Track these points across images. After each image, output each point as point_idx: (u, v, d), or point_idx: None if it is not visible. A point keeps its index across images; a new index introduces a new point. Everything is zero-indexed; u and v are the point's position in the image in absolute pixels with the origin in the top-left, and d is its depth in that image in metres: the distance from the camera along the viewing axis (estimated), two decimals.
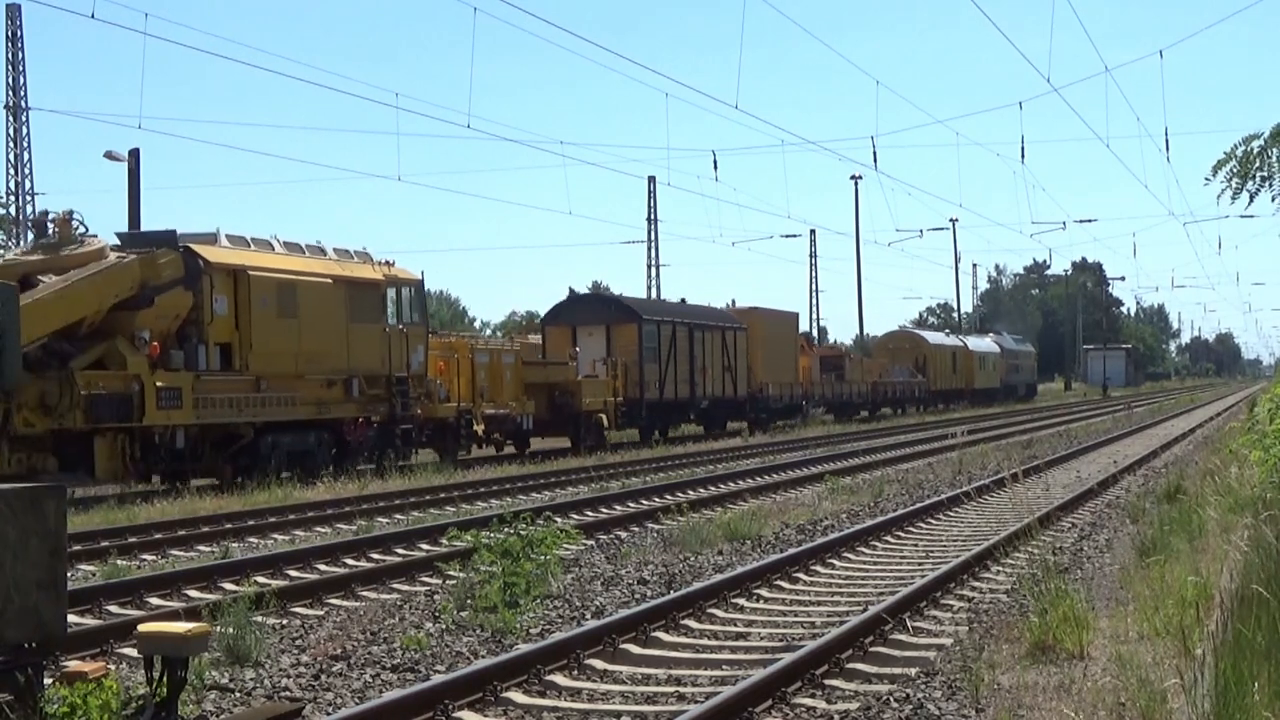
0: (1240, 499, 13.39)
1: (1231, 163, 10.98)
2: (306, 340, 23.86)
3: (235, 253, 23.06)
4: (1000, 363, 73.96)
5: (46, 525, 6.67)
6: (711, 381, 40.49)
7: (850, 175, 73.12)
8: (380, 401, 25.72)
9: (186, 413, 21.42)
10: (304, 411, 23.86)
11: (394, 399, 25.95)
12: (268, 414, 22.98)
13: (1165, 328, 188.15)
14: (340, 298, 24.67)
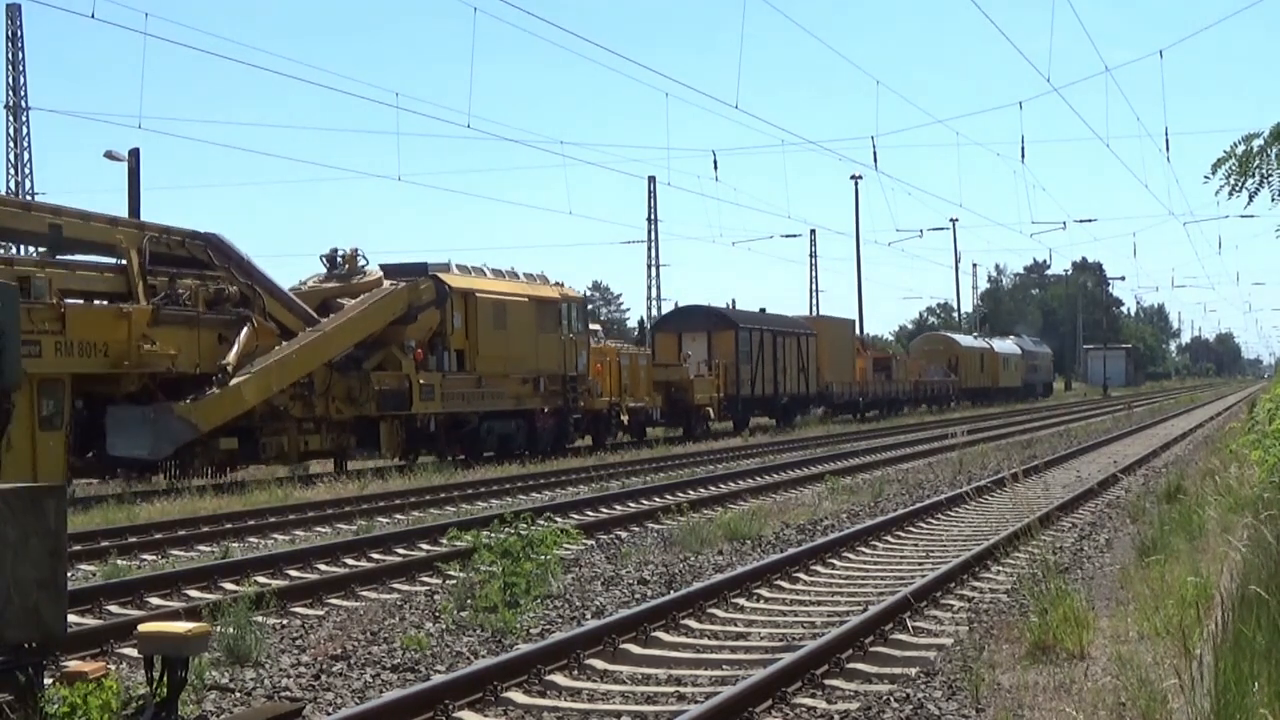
0: (1240, 499, 13.39)
1: (1231, 161, 10.97)
2: (511, 347, 29.61)
3: (464, 279, 29.05)
4: (1021, 363, 79.05)
5: (46, 525, 6.67)
6: (790, 380, 46.72)
7: (850, 175, 73.32)
8: (557, 396, 31.38)
9: (437, 404, 27.33)
10: (509, 403, 29.74)
11: (567, 394, 31.68)
12: (486, 405, 28.95)
13: (1165, 328, 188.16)
14: (532, 313, 30.52)
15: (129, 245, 22.39)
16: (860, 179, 71.48)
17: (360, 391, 25.65)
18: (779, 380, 45.64)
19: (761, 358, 44.39)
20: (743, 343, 43.11)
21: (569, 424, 32.54)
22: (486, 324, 28.92)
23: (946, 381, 65.79)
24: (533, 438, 30.68)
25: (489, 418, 29.14)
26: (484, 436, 29.23)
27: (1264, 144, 10.78)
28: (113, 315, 21.48)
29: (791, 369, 46.78)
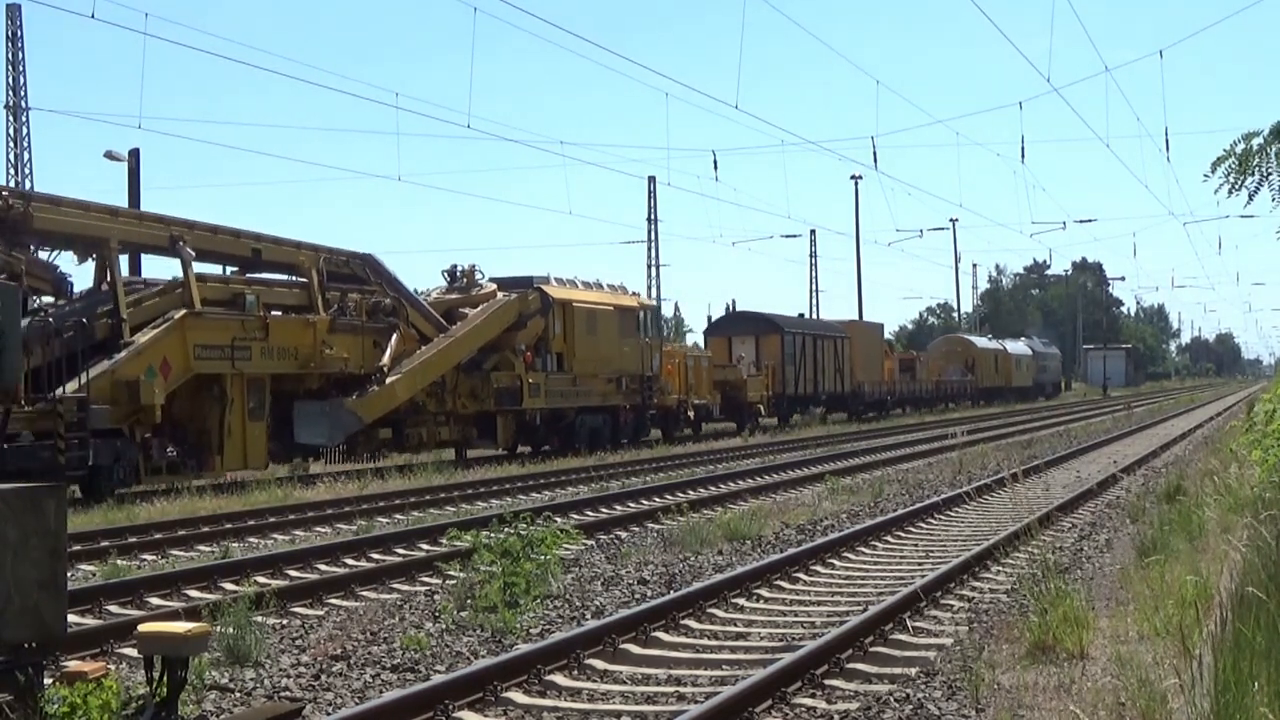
0: (1240, 499, 13.39)
1: (1230, 159, 10.97)
2: (600, 351, 33.21)
3: (563, 290, 32.61)
4: (1032, 363, 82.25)
5: (46, 525, 6.67)
6: (827, 380, 50.45)
7: (850, 175, 73.37)
8: (636, 394, 35.03)
9: (542, 400, 30.87)
10: (598, 400, 33.38)
11: (644, 392, 35.37)
12: (580, 401, 32.59)
13: (1165, 328, 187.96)
14: (617, 320, 34.20)
15: (310, 265, 25.77)
16: (860, 179, 71.59)
17: (481, 389, 29.59)
18: (819, 380, 49.60)
19: (803, 360, 48.24)
20: (787, 346, 47.01)
21: (646, 419, 36.40)
22: (581, 330, 32.61)
23: (964, 381, 69.51)
24: (616, 431, 34.36)
25: (582, 413, 32.90)
26: (578, 429, 32.73)
27: (1264, 142, 10.77)
28: (301, 324, 24.98)
29: (829, 370, 50.44)
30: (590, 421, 33.26)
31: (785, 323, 49.22)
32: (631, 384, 34.70)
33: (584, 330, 32.67)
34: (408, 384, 26.96)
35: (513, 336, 30.39)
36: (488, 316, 29.69)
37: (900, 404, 59.56)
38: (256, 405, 23.72)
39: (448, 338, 28.45)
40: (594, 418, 33.46)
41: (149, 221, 23.20)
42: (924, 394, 63.40)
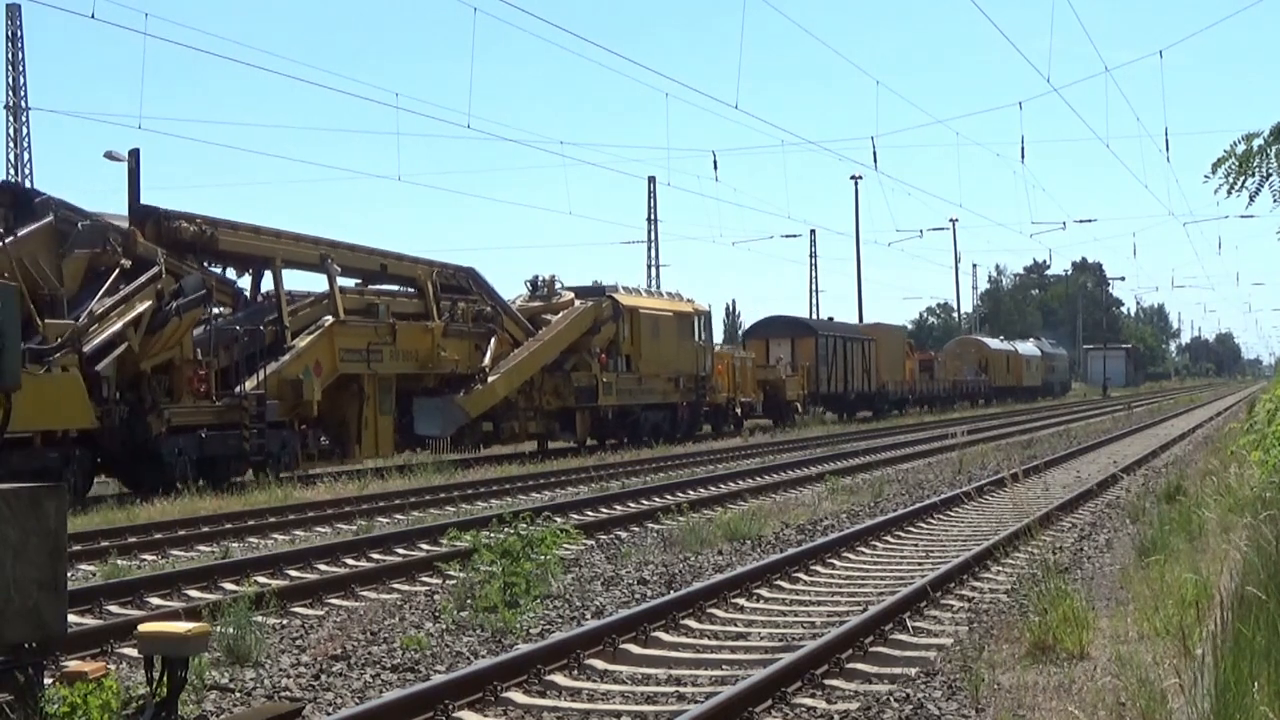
0: (1240, 499, 13.38)
1: (1230, 160, 10.97)
2: (662, 353, 36.67)
3: (630, 298, 36.15)
4: (1042, 364, 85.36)
5: (46, 525, 6.67)
6: (856, 379, 53.62)
7: (850, 175, 73.44)
8: (692, 392, 38.44)
9: (614, 398, 34.34)
10: (659, 398, 36.81)
11: (699, 390, 38.80)
12: (645, 399, 36.02)
13: (1165, 328, 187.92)
14: (675, 325, 37.64)
15: (425, 278, 29.14)
16: (860, 179, 71.73)
17: (564, 388, 32.81)
18: (848, 379, 52.93)
19: (835, 360, 51.55)
20: (820, 348, 50.15)
21: (700, 415, 39.82)
22: (646, 334, 35.97)
23: (978, 381, 72.91)
24: (674, 425, 37.62)
25: (646, 409, 36.29)
26: (643, 424, 35.96)
27: (1264, 143, 10.77)
28: (421, 330, 28.21)
29: (857, 370, 53.76)
30: (653, 417, 36.57)
31: (819, 326, 53.11)
32: (688, 383, 38.19)
33: (648, 334, 36.05)
34: (506, 383, 30.42)
35: (589, 340, 33.71)
36: (569, 323, 33.13)
37: (920, 402, 62.37)
38: (386, 401, 27.10)
39: (536, 342, 31.84)
40: (656, 414, 36.82)
41: (303, 242, 26.16)
42: (942, 393, 66.65)
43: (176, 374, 22.19)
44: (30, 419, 18.18)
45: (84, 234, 21.28)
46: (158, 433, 21.26)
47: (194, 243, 23.36)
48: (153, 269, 21.68)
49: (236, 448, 22.70)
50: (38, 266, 20.13)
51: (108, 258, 21.42)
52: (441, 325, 28.70)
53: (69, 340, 19.73)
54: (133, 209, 22.97)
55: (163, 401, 21.65)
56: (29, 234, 20.28)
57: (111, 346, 20.56)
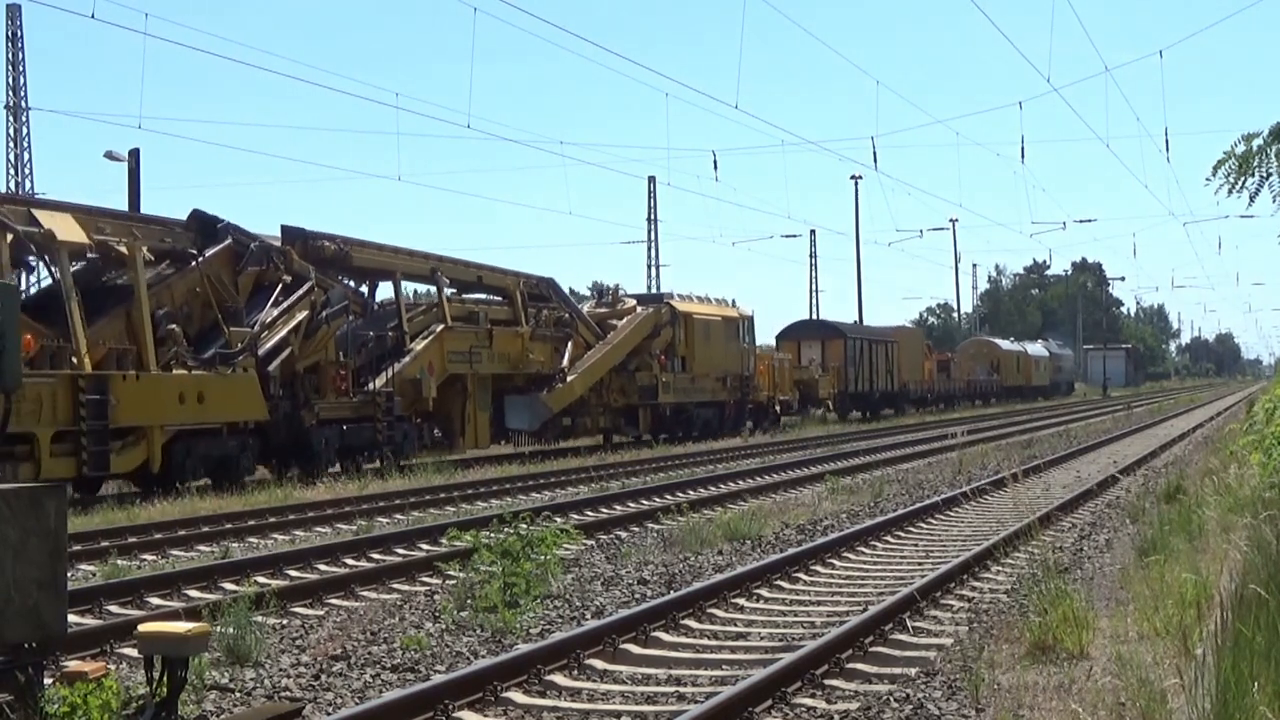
0: (1240, 499, 13.38)
1: (1230, 161, 10.96)
2: (712, 355, 39.76)
3: (684, 304, 39.35)
4: (1049, 364, 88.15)
5: (46, 525, 6.67)
6: (880, 379, 56.72)
7: (850, 175, 73.40)
8: (737, 391, 41.44)
9: (672, 396, 37.60)
10: (709, 396, 39.80)
11: (743, 389, 41.83)
12: (697, 397, 39.11)
13: (1165, 328, 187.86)
14: (723, 329, 40.65)
15: (514, 288, 32.42)
16: (860, 179, 71.66)
17: (629, 387, 36.28)
18: (873, 379, 56.02)
19: (861, 361, 54.69)
20: (849, 350, 53.47)
21: (745, 412, 42.51)
22: (699, 338, 39.04)
23: (991, 380, 76.11)
24: (722, 421, 40.49)
25: (699, 406, 39.31)
26: (695, 420, 39.02)
27: (1264, 143, 10.77)
28: (513, 335, 31.55)
29: (881, 370, 56.83)
30: (704, 414, 39.66)
31: (847, 329, 56.22)
32: (734, 382, 41.22)
33: (701, 338, 39.16)
34: (582, 382, 33.77)
35: (650, 343, 37.01)
36: (633, 328, 36.37)
37: (938, 400, 65.91)
38: (484, 398, 30.66)
39: (606, 345, 35.20)
40: (706, 410, 39.87)
41: (416, 257, 29.38)
42: (957, 392, 70.33)
43: (322, 374, 25.60)
44: (219, 412, 22.18)
45: (254, 254, 24.27)
46: (309, 424, 24.57)
47: (333, 259, 26.65)
48: (307, 283, 25.09)
49: (371, 438, 26.15)
50: (221, 282, 23.58)
51: (272, 273, 24.62)
52: (529, 330, 32.13)
53: (248, 345, 23.13)
54: (285, 232, 25.97)
55: (312, 398, 24.96)
56: (214, 255, 23.53)
57: (278, 350, 24.05)
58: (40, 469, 18.81)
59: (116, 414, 20.12)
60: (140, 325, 21.43)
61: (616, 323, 36.58)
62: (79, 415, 19.53)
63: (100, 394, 19.86)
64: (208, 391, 21.89)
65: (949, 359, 72.37)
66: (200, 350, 22.64)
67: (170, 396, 21.26)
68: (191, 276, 23.07)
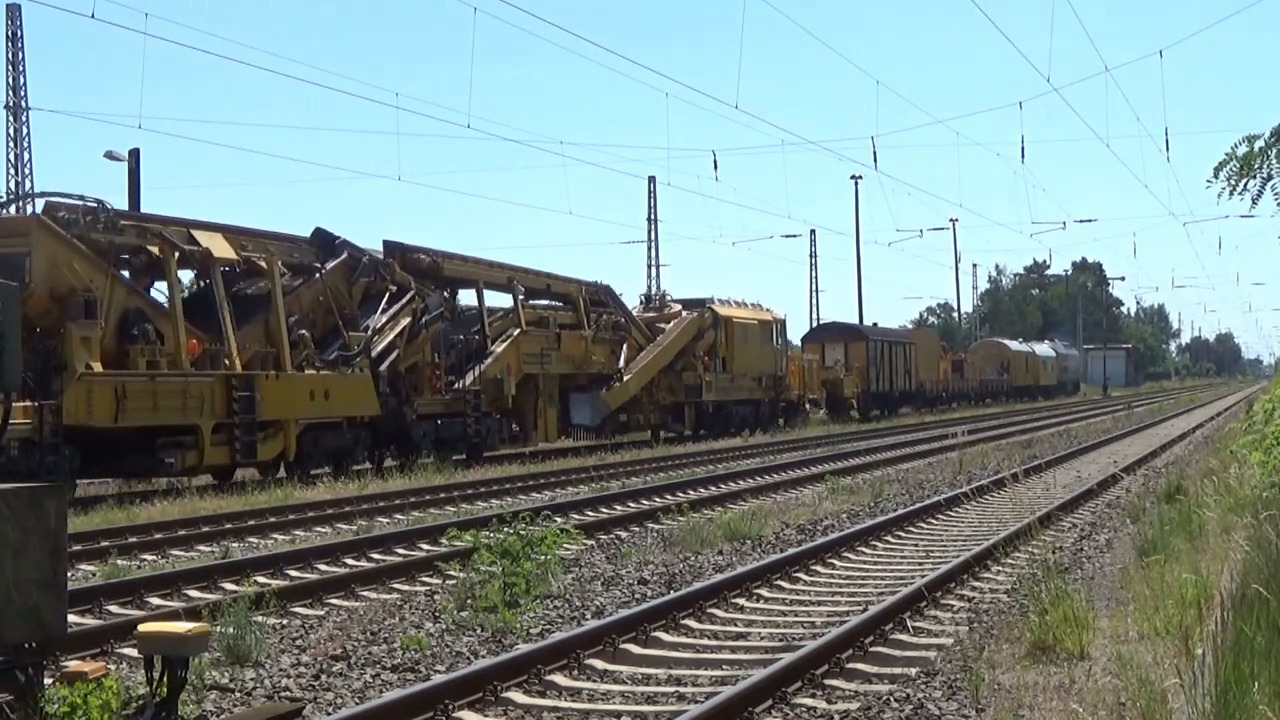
0: (1240, 499, 13.37)
1: (1232, 163, 10.96)
2: (749, 356, 42.77)
3: (725, 308, 42.20)
4: (1056, 364, 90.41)
5: (46, 525, 6.67)
6: (899, 379, 59.35)
7: (850, 175, 73.41)
8: (771, 390, 44.45)
9: (714, 394, 40.50)
10: (746, 395, 42.80)
11: (777, 389, 44.88)
12: (736, 395, 42.03)
13: (1165, 328, 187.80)
14: (759, 331, 43.61)
15: (577, 295, 35.15)
16: (860, 179, 71.69)
17: (676, 386, 39.07)
18: (893, 379, 58.63)
19: (882, 362, 57.16)
20: (870, 351, 55.88)
21: (778, 409, 45.45)
22: (738, 340, 41.85)
23: (1001, 380, 78.83)
24: (757, 418, 43.08)
25: (737, 404, 42.26)
26: (733, 416, 41.75)
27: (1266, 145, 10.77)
28: (577, 338, 34.23)
29: (900, 370, 59.41)
30: (741, 411, 42.44)
31: (869, 332, 58.83)
32: (768, 382, 44.14)
33: (740, 340, 41.98)
34: (637, 381, 36.73)
35: (695, 345, 39.86)
36: (680, 331, 39.26)
37: (952, 399, 68.95)
38: (553, 396, 33.08)
39: (656, 347, 38.04)
40: (743, 408, 42.69)
41: (495, 267, 32.18)
42: (970, 391, 73.33)
43: (419, 374, 28.35)
44: (341, 407, 25.12)
45: (365, 266, 27.10)
46: (410, 419, 27.12)
47: (427, 270, 29.17)
48: (410, 292, 27.88)
49: (461, 432, 28.79)
50: (338, 292, 26.51)
51: (380, 284, 27.47)
52: (591, 334, 34.89)
53: (363, 348, 25.99)
54: (386, 246, 28.63)
55: (412, 395, 27.56)
56: (333, 268, 26.46)
57: (387, 353, 26.90)
58: (203, 457, 21.99)
59: (261, 409, 22.93)
60: (277, 330, 24.18)
61: (664, 326, 39.43)
62: (232, 409, 22.38)
63: (248, 391, 22.66)
64: (332, 389, 24.79)
65: (962, 359, 75.17)
66: (323, 353, 25.39)
67: (303, 394, 24.12)
68: (315, 287, 25.94)
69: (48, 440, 19.23)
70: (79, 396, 19.87)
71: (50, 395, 19.56)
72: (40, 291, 20.15)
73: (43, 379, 19.78)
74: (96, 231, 21.35)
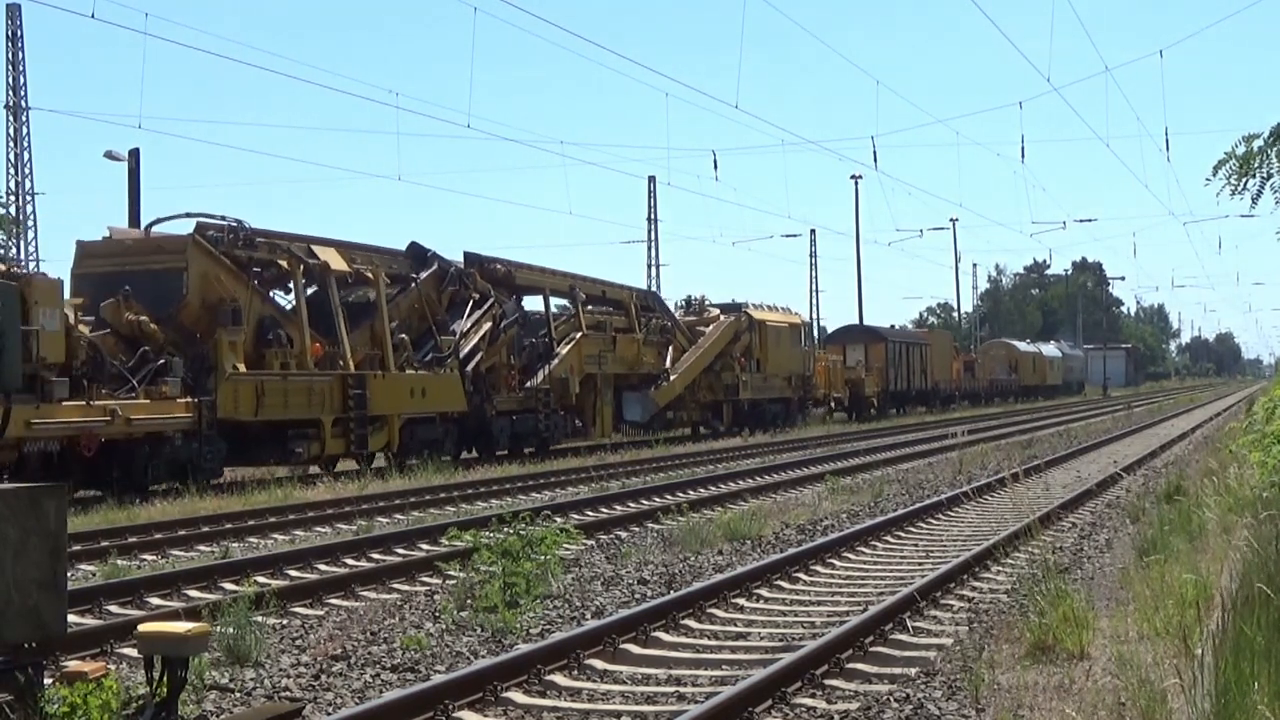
0: (1240, 499, 13.37)
1: (1231, 162, 10.97)
2: (780, 357, 45.43)
3: (759, 312, 44.82)
4: (1062, 364, 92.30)
5: (46, 525, 6.67)
6: (915, 379, 61.91)
7: (850, 175, 73.39)
8: (800, 389, 47.47)
9: (749, 393, 43.21)
10: (778, 393, 45.62)
11: (804, 388, 47.95)
12: (768, 394, 44.81)
13: (1165, 328, 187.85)
14: (789, 334, 46.43)
15: (629, 300, 38.02)
16: (860, 179, 71.62)
17: (715, 385, 41.68)
18: (910, 379, 61.17)
19: (900, 362, 59.74)
20: (889, 352, 58.58)
21: (807, 407, 48.69)
22: (770, 342, 44.59)
23: (1010, 380, 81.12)
24: (788, 415, 46.10)
25: (770, 402, 45.02)
26: (766, 414, 44.27)
27: (1265, 144, 10.77)
28: (630, 341, 37.04)
29: (916, 370, 61.99)
30: (773, 408, 45.26)
31: (887, 333, 61.47)
32: (797, 381, 47.07)
33: (773, 342, 44.74)
34: (682, 381, 39.43)
35: (732, 347, 42.45)
36: (719, 334, 41.84)
37: (964, 398, 71.49)
38: (609, 394, 36.23)
39: (698, 349, 40.67)
40: (775, 406, 45.51)
41: (559, 276, 34.88)
42: (981, 390, 75.92)
43: (497, 374, 30.87)
44: (435, 404, 27.81)
45: (453, 276, 29.81)
46: (490, 415, 29.83)
47: (502, 279, 31.76)
48: (490, 300, 30.68)
49: (533, 427, 31.30)
50: (430, 300, 29.22)
51: (465, 292, 30.21)
52: (642, 337, 37.67)
53: (453, 350, 28.69)
54: (467, 257, 31.16)
55: (492, 394, 30.13)
56: (426, 278, 29.19)
57: (472, 355, 29.50)
58: (324, 447, 24.79)
59: (371, 405, 25.63)
60: (382, 335, 26.87)
61: (703, 329, 42.01)
62: (347, 405, 25.10)
63: (361, 389, 25.39)
64: (428, 388, 27.55)
65: (974, 360, 78.07)
66: (418, 355, 28.10)
67: (404, 392, 26.82)
68: (411, 295, 28.66)
69: (205, 433, 21.94)
70: (228, 394, 22.65)
71: (205, 393, 22.22)
72: (194, 302, 23.07)
73: (198, 379, 22.49)
74: (238, 248, 24.00)
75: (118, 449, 20.63)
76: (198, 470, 21.69)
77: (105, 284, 22.20)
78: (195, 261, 23.15)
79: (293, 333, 24.78)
